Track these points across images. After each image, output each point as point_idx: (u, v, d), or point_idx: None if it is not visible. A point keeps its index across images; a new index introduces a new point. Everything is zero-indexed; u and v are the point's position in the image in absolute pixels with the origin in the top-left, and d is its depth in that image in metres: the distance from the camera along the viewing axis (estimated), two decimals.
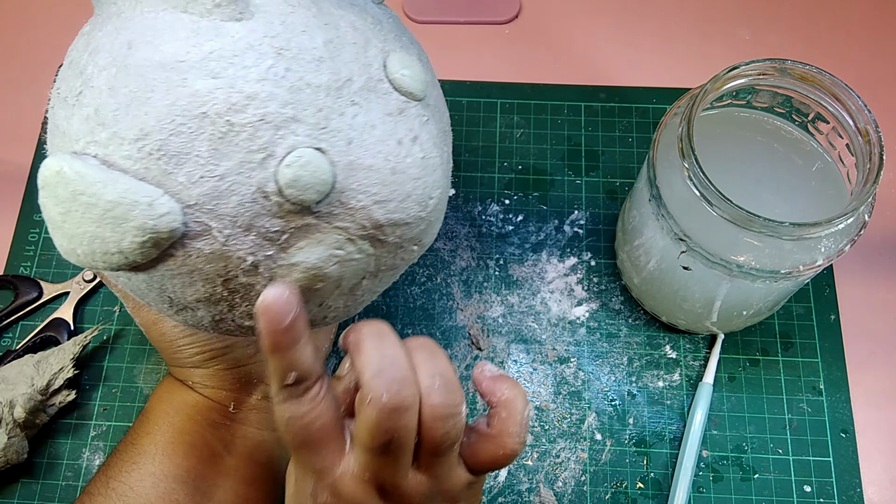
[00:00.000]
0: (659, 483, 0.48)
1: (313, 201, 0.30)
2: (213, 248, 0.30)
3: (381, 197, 0.31)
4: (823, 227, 0.36)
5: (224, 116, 0.28)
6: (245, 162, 0.29)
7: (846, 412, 0.49)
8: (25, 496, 0.48)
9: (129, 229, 0.28)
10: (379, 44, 0.33)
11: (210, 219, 0.29)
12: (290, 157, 0.29)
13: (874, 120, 0.38)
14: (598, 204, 0.56)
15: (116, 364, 0.51)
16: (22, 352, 0.50)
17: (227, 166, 0.28)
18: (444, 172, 0.35)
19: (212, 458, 0.40)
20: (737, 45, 0.62)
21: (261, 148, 0.29)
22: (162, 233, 0.28)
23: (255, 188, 0.29)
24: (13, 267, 0.54)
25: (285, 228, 0.30)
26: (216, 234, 0.29)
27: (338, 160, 0.30)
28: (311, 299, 0.33)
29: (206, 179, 0.28)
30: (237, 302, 0.32)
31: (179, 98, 0.28)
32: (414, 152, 0.33)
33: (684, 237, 0.41)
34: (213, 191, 0.29)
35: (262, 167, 0.29)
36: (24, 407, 0.46)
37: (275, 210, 0.30)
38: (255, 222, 0.30)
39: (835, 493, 0.47)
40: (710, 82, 0.40)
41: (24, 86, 0.61)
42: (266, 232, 0.30)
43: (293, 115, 0.29)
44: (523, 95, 0.59)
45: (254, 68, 0.29)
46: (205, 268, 0.30)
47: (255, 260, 0.30)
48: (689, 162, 0.38)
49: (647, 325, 0.52)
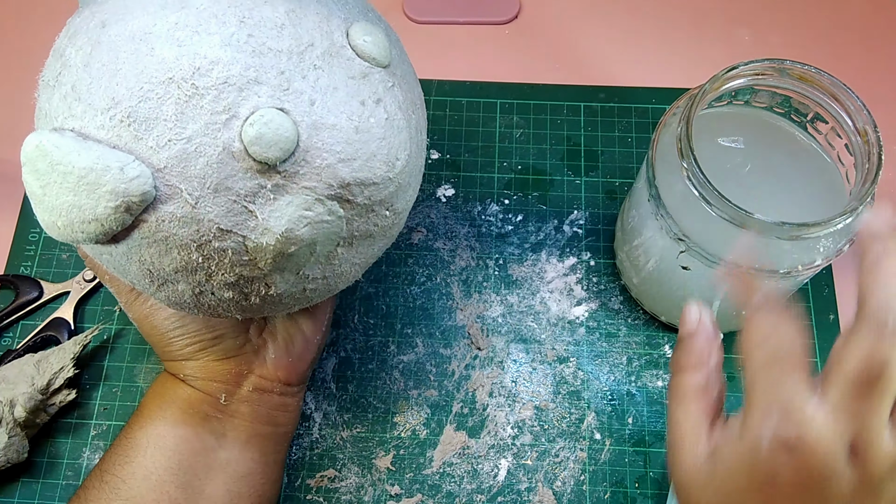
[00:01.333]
0: (658, 483, 0.48)
1: (278, 159, 0.31)
2: (184, 211, 0.31)
3: (346, 155, 0.32)
4: (822, 227, 0.36)
5: (189, 80, 0.30)
6: (210, 123, 0.30)
7: None
8: (26, 495, 0.48)
9: (102, 194, 0.29)
10: (342, 14, 0.34)
11: (180, 181, 0.30)
12: (254, 117, 0.30)
13: (873, 120, 0.38)
14: (597, 204, 0.56)
15: (117, 363, 0.51)
16: (22, 351, 0.50)
17: (193, 128, 0.30)
18: (410, 136, 0.36)
19: (203, 452, 0.41)
20: (736, 45, 0.62)
21: (225, 109, 0.30)
22: (133, 196, 0.30)
23: (221, 148, 0.30)
24: (13, 266, 0.54)
25: (254, 190, 0.31)
26: (186, 196, 0.30)
27: (300, 120, 0.31)
28: (288, 267, 0.34)
29: (174, 142, 0.30)
30: (213, 270, 0.33)
31: (147, 66, 0.30)
32: (377, 113, 0.33)
33: (683, 237, 0.41)
34: (182, 153, 0.30)
35: (227, 127, 0.30)
36: (25, 406, 0.46)
37: (242, 171, 0.31)
38: (223, 184, 0.30)
39: None
40: (710, 82, 0.40)
41: (25, 86, 0.61)
42: (235, 194, 0.31)
43: (255, 77, 0.30)
44: (523, 95, 0.59)
45: (217, 35, 0.30)
46: (178, 233, 0.31)
47: (226, 223, 0.31)
48: (687, 162, 0.38)
49: (647, 325, 0.52)
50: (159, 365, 0.51)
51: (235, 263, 0.33)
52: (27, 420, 0.46)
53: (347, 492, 0.48)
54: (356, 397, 0.50)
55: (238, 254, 0.32)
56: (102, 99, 0.30)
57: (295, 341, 0.44)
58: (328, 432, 0.49)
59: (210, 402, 0.42)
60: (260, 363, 0.43)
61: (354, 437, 0.49)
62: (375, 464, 0.49)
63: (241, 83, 0.30)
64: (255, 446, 0.43)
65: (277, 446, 0.44)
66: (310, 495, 0.48)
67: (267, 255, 0.32)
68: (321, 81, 0.32)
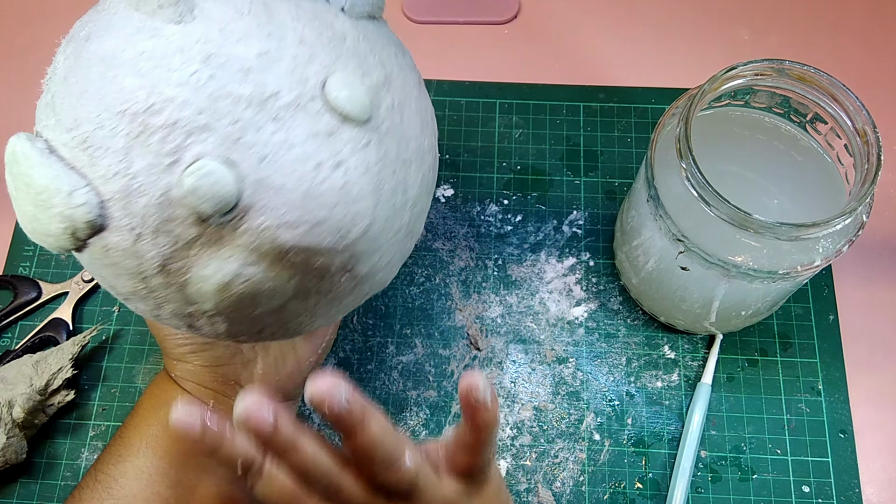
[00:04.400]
0: (657, 483, 0.48)
1: (214, 213, 0.29)
2: (126, 244, 0.30)
3: (289, 219, 0.30)
4: (821, 227, 0.36)
5: (140, 116, 0.29)
6: (154, 164, 0.29)
7: (845, 412, 0.49)
8: (24, 496, 0.48)
9: (53, 214, 0.30)
10: (326, 60, 0.31)
11: (123, 215, 0.30)
12: (194, 166, 0.29)
13: (872, 120, 0.38)
14: (596, 204, 0.56)
15: (115, 364, 0.51)
16: (21, 352, 0.50)
17: (139, 166, 0.29)
18: (379, 202, 0.33)
19: (195, 454, 0.41)
20: (735, 45, 0.62)
21: (170, 152, 0.29)
22: (78, 222, 0.30)
23: (161, 192, 0.29)
24: (12, 267, 0.54)
25: (192, 237, 0.30)
26: (127, 231, 0.30)
27: (246, 175, 0.29)
28: (234, 313, 0.33)
29: (120, 176, 0.29)
30: (161, 301, 0.33)
31: (108, 93, 0.29)
32: (333, 178, 0.31)
33: (682, 237, 0.41)
34: (126, 188, 0.29)
35: (169, 172, 0.29)
36: (23, 407, 0.46)
37: (181, 217, 0.30)
38: (163, 226, 0.30)
39: (833, 493, 0.47)
40: (709, 83, 0.40)
41: (25, 86, 0.61)
42: (175, 237, 0.30)
43: (206, 123, 0.29)
44: (522, 95, 0.59)
45: (177, 72, 0.29)
46: (123, 262, 0.31)
47: (164, 263, 0.31)
48: (686, 162, 0.38)
49: (646, 326, 0.52)
50: (158, 365, 0.51)
51: (180, 300, 0.32)
52: (25, 421, 0.46)
53: None
54: None
55: (181, 292, 0.32)
56: (69, 117, 0.30)
57: (286, 360, 0.43)
58: (327, 433, 0.49)
59: (202, 406, 0.42)
60: (247, 376, 0.43)
61: None
62: None
63: (191, 128, 0.29)
64: None
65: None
66: None
67: (206, 300, 0.32)
68: (277, 136, 0.29)
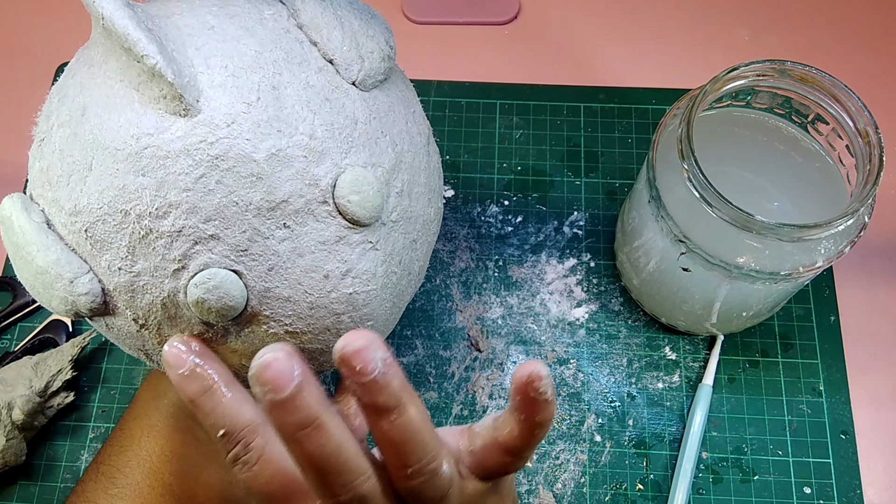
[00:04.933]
0: (658, 485, 0.48)
1: (220, 321, 0.29)
2: (130, 330, 0.31)
3: (295, 329, 0.30)
4: (823, 228, 0.36)
5: (145, 219, 0.28)
6: (159, 268, 0.28)
7: (846, 413, 0.49)
8: (24, 498, 0.48)
9: (54, 296, 0.29)
10: (337, 156, 0.29)
11: (126, 307, 0.29)
12: (200, 277, 0.28)
13: (874, 121, 0.38)
14: (597, 205, 0.56)
15: (115, 366, 0.51)
16: (20, 353, 0.50)
17: (142, 266, 0.28)
18: (389, 298, 0.32)
19: (196, 442, 0.41)
20: (736, 45, 0.62)
21: (176, 259, 0.28)
22: (80, 307, 0.29)
23: (166, 294, 0.29)
24: (12, 267, 0.54)
25: (199, 333, 0.30)
26: (132, 320, 0.30)
27: (253, 285, 0.28)
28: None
29: (124, 272, 0.28)
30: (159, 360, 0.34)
31: (109, 188, 0.28)
32: (341, 287, 0.30)
33: (684, 238, 0.41)
34: (129, 284, 0.29)
35: (175, 278, 0.28)
36: (23, 409, 0.46)
37: (186, 318, 0.29)
38: (167, 322, 0.29)
39: (835, 494, 0.47)
40: (710, 83, 0.40)
41: (25, 86, 0.61)
42: (180, 330, 0.30)
43: (214, 232, 0.28)
44: (522, 96, 0.59)
45: (183, 176, 0.27)
46: (126, 340, 0.32)
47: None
48: (688, 163, 0.38)
49: (647, 327, 0.52)
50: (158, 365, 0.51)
51: None
52: (25, 423, 0.46)
53: None
54: None
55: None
56: (68, 200, 0.29)
57: None
58: None
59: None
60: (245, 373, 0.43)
61: None
62: None
63: (197, 236, 0.28)
64: None
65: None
66: None
67: None
68: (285, 244, 0.28)
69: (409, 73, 0.60)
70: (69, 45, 0.64)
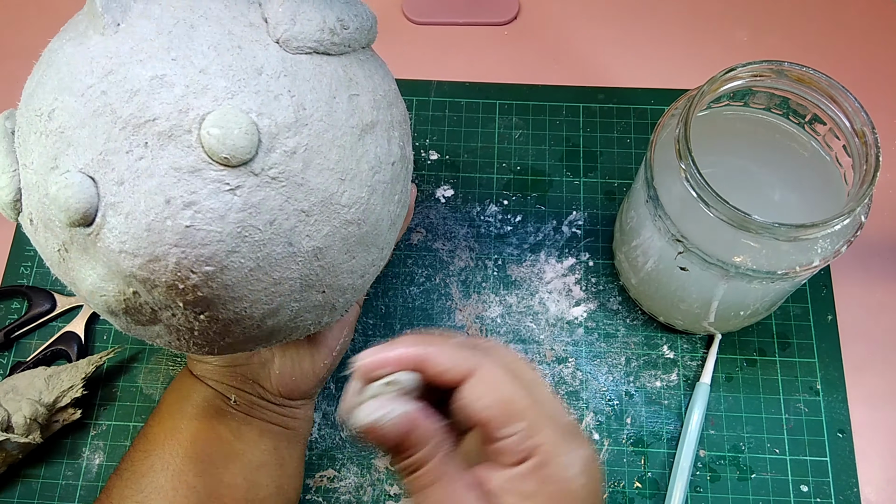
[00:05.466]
0: (656, 483, 0.48)
1: (70, 224, 0.30)
2: (30, 230, 0.33)
3: (129, 248, 0.30)
4: (820, 228, 0.37)
5: (44, 118, 0.31)
6: (42, 166, 0.31)
7: (843, 412, 0.49)
8: (25, 495, 0.48)
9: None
10: (221, 94, 0.30)
11: (27, 205, 0.32)
12: (62, 177, 0.30)
13: (871, 122, 0.39)
14: (596, 204, 0.56)
15: (117, 364, 0.51)
16: (33, 363, 0.50)
17: (36, 164, 0.31)
18: (233, 250, 0.31)
19: (220, 442, 0.41)
20: (734, 46, 0.62)
21: (52, 157, 0.30)
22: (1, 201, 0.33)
23: (43, 192, 0.31)
24: (13, 269, 0.54)
25: (66, 240, 0.32)
26: (28, 219, 0.33)
27: (104, 195, 0.30)
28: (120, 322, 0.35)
29: (27, 169, 0.32)
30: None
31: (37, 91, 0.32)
32: (179, 217, 0.30)
33: (681, 238, 0.41)
34: (29, 182, 0.32)
35: (49, 174, 0.31)
36: (27, 418, 0.45)
37: (56, 220, 0.31)
38: (48, 223, 0.32)
39: (832, 492, 0.47)
40: (708, 84, 0.40)
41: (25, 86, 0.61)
42: (55, 236, 0.32)
43: (84, 137, 0.30)
44: (522, 96, 0.59)
45: (77, 82, 0.30)
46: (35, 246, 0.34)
47: (58, 259, 0.33)
48: (685, 163, 0.38)
49: (645, 326, 0.52)
50: (159, 365, 0.51)
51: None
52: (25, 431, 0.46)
53: (347, 492, 0.48)
54: None
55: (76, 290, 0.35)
56: (21, 104, 0.33)
57: (302, 361, 0.44)
58: (327, 432, 0.49)
59: (224, 399, 0.43)
60: (265, 375, 0.44)
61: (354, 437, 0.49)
62: (375, 464, 0.49)
63: (72, 138, 0.30)
64: (268, 439, 0.43)
65: (290, 443, 0.45)
66: (309, 495, 0.48)
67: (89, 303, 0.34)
68: (141, 163, 0.29)
69: (409, 73, 0.60)
70: None
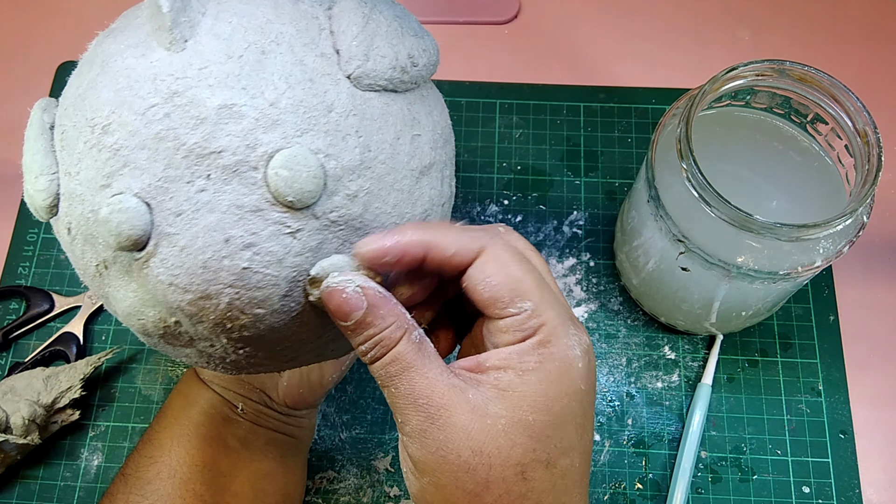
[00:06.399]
0: (658, 484, 0.48)
1: (111, 246, 0.29)
2: (65, 238, 0.32)
3: (181, 283, 0.29)
4: (822, 228, 0.36)
5: (97, 131, 0.29)
6: (93, 180, 0.29)
7: (845, 413, 0.49)
8: (24, 496, 0.48)
9: (25, 188, 0.33)
10: (290, 131, 0.29)
11: (65, 213, 0.31)
12: (116, 198, 0.28)
13: (873, 121, 0.38)
14: (596, 204, 0.56)
15: (115, 365, 0.51)
16: (30, 364, 0.50)
17: (85, 176, 0.29)
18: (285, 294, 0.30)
19: (227, 450, 0.41)
20: (736, 45, 0.62)
21: (106, 175, 0.29)
22: (36, 204, 0.32)
23: (91, 208, 0.29)
24: (11, 268, 0.54)
25: (108, 259, 0.30)
26: (65, 227, 0.32)
27: (159, 223, 0.28)
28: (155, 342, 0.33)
29: (72, 178, 0.30)
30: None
31: (88, 97, 0.30)
32: (237, 258, 0.28)
33: (683, 238, 0.41)
34: (72, 191, 0.30)
35: (100, 193, 0.29)
36: (25, 419, 0.45)
37: (101, 237, 0.30)
38: (89, 238, 0.30)
39: (833, 494, 0.47)
40: (709, 83, 0.40)
41: (25, 86, 0.61)
42: (96, 252, 0.31)
43: (143, 160, 0.28)
44: (522, 96, 0.59)
45: (139, 100, 0.28)
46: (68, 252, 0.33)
47: (94, 273, 0.32)
48: (687, 163, 0.38)
49: (646, 326, 0.52)
50: (158, 366, 0.51)
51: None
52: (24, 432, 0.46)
53: (346, 493, 0.48)
54: (355, 398, 0.50)
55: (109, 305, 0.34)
56: (65, 103, 0.31)
57: (311, 373, 0.43)
58: (327, 433, 0.49)
59: (231, 406, 0.43)
60: (272, 385, 0.43)
61: (353, 439, 0.49)
62: (374, 465, 0.49)
63: (129, 159, 0.28)
64: (274, 448, 0.43)
65: (295, 450, 0.44)
66: (309, 496, 0.48)
67: (123, 321, 0.33)
68: (202, 196, 0.28)
69: None
70: (69, 45, 0.64)
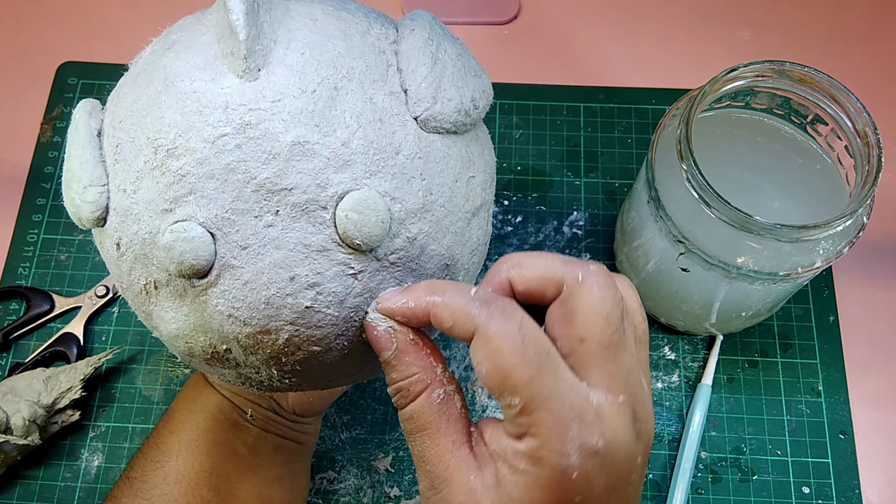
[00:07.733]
0: (657, 484, 0.48)
1: (178, 275, 0.29)
2: (111, 252, 0.31)
3: (241, 316, 0.29)
4: (822, 229, 0.36)
5: (161, 153, 0.28)
6: (154, 202, 0.29)
7: (845, 413, 0.49)
8: (24, 496, 0.48)
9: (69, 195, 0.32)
10: (360, 173, 0.29)
11: (115, 229, 0.31)
12: (179, 225, 0.28)
13: (873, 122, 0.38)
14: (596, 205, 0.56)
15: (115, 365, 0.51)
16: (31, 365, 0.50)
17: (142, 196, 0.29)
18: (340, 333, 0.30)
19: (234, 457, 0.41)
20: (736, 45, 0.62)
21: (170, 199, 0.28)
22: (82, 215, 0.31)
23: (149, 231, 0.29)
24: (12, 268, 0.54)
25: (160, 280, 0.30)
26: (114, 243, 0.31)
27: (223, 255, 0.28)
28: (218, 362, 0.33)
29: (127, 196, 0.30)
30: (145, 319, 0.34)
31: (150, 115, 0.29)
32: (301, 297, 0.28)
33: (683, 239, 0.41)
34: (126, 209, 0.30)
35: (161, 217, 0.29)
36: (26, 420, 0.45)
37: (157, 260, 0.29)
38: (141, 258, 0.30)
39: (833, 494, 0.47)
40: (709, 84, 0.40)
41: (25, 86, 0.61)
42: (147, 272, 0.30)
43: (211, 190, 0.28)
44: (522, 96, 0.59)
45: (210, 128, 0.28)
46: (111, 265, 0.32)
47: (140, 290, 0.31)
48: (687, 164, 0.38)
49: None
50: (158, 366, 0.51)
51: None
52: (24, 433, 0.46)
53: (346, 493, 0.48)
54: (355, 399, 0.50)
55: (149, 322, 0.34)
56: (120, 114, 0.30)
57: None
58: (327, 434, 0.49)
59: (240, 412, 0.42)
60: (282, 394, 0.43)
61: (353, 439, 0.49)
62: (375, 465, 0.49)
63: (196, 187, 0.28)
64: (282, 454, 0.43)
65: (301, 456, 0.44)
66: (309, 497, 0.48)
67: (164, 342, 0.33)
68: (269, 231, 0.28)
69: None
70: (69, 45, 0.64)
